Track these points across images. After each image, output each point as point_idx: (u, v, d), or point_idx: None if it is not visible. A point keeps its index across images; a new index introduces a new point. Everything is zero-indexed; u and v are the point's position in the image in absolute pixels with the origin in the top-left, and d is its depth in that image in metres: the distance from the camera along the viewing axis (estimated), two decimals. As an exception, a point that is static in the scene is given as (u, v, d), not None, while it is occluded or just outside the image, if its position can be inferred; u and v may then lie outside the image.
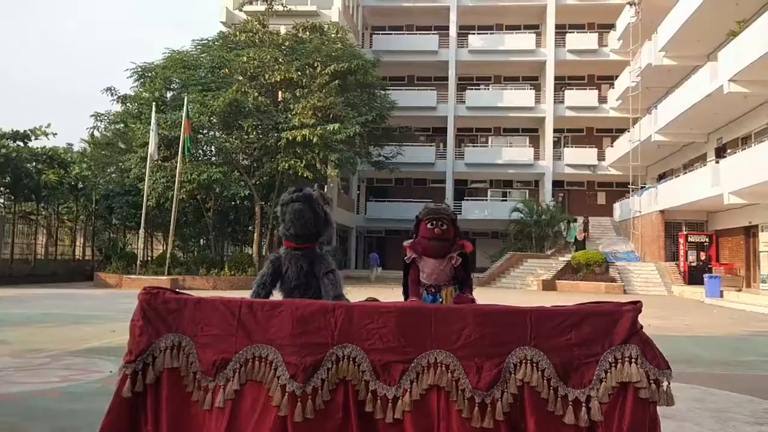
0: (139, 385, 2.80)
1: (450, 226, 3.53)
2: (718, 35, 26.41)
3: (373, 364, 2.74)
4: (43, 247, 29.99)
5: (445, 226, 3.51)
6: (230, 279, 24.62)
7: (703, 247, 29.17)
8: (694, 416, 5.85)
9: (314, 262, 3.44)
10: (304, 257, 3.43)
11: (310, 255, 3.44)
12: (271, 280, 3.47)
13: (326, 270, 3.42)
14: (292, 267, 3.42)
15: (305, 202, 3.40)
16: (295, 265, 3.42)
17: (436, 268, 3.53)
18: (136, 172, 26.76)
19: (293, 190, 3.47)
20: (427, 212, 3.56)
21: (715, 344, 12.06)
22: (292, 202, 3.40)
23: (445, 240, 3.54)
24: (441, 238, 3.51)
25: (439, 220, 3.51)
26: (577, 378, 2.66)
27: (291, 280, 3.42)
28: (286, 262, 3.45)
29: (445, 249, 3.54)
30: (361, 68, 30.32)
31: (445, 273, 3.53)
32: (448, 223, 3.52)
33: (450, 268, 3.54)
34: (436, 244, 3.51)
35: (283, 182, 28.52)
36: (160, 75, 28.13)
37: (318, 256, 3.47)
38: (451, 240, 3.56)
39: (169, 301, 2.90)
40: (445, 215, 3.54)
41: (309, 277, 3.42)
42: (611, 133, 43.19)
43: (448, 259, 3.53)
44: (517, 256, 33.40)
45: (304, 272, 3.41)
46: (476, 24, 46.02)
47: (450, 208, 3.69)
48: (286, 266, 3.45)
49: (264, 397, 2.74)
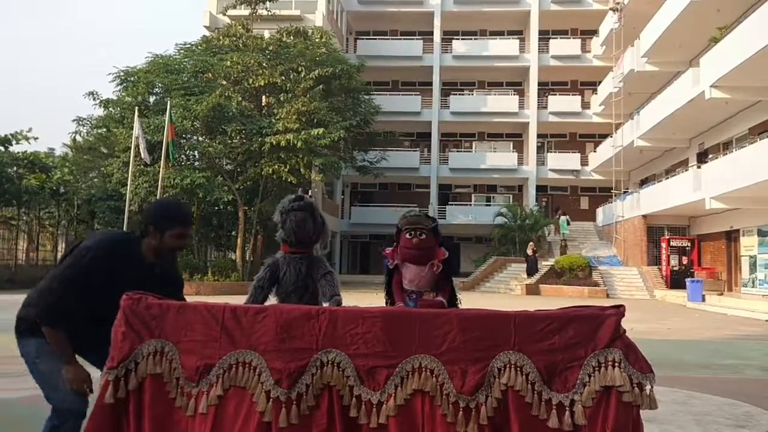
0: (121, 391, 2.78)
1: (429, 235, 3.51)
2: (700, 41, 26.68)
3: (357, 369, 2.73)
4: (24, 253, 29.73)
5: (423, 235, 3.49)
6: (213, 284, 24.52)
7: (685, 251, 29.39)
8: (676, 419, 5.89)
9: (312, 266, 3.54)
10: (302, 261, 3.52)
11: (308, 259, 3.54)
12: (268, 284, 3.53)
13: (324, 272, 3.53)
14: (290, 270, 3.50)
15: (307, 211, 3.50)
16: (294, 269, 3.50)
17: (417, 274, 3.53)
18: (119, 177, 26.61)
19: (294, 198, 3.53)
20: (406, 222, 3.55)
21: (697, 348, 12.15)
22: (294, 210, 3.47)
23: (426, 248, 3.54)
24: (422, 247, 3.50)
25: (417, 230, 3.50)
26: (561, 382, 2.67)
27: (289, 283, 3.50)
28: (284, 266, 3.52)
29: (426, 256, 3.53)
30: (346, 73, 30.35)
31: (426, 279, 3.53)
32: (426, 232, 3.50)
33: (431, 274, 3.53)
34: (416, 252, 3.51)
35: (267, 187, 28.47)
36: (142, 79, 27.97)
37: (315, 260, 3.57)
38: (432, 247, 3.56)
39: (151, 306, 2.89)
40: (423, 225, 3.52)
41: (306, 280, 3.50)
42: (594, 139, 43.45)
43: (429, 266, 3.53)
44: (501, 261, 33.52)
45: (302, 276, 3.50)
46: (460, 29, 46.18)
47: (428, 216, 3.66)
48: (284, 270, 3.52)
49: (247, 402, 2.73)
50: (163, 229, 3.20)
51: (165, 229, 3.20)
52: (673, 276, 28.64)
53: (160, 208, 3.31)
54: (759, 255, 24.66)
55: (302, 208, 3.47)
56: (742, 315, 19.66)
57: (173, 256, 3.49)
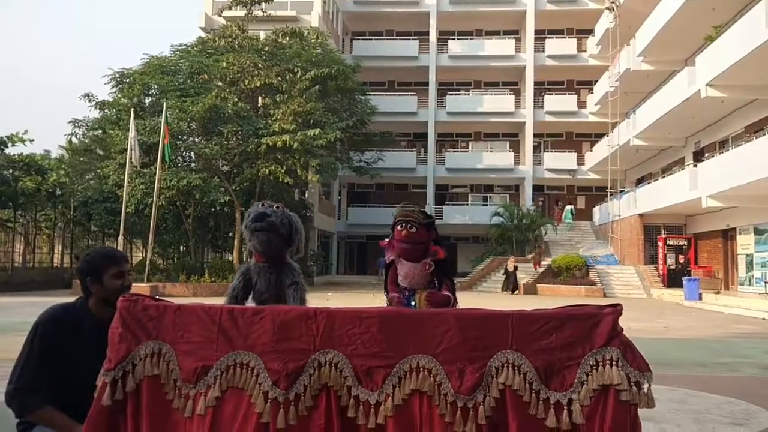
0: (118, 393, 2.78)
1: (421, 229, 3.46)
2: (696, 40, 26.73)
3: (355, 369, 2.73)
4: (21, 255, 29.68)
5: (414, 228, 3.43)
6: (210, 286, 24.51)
7: (681, 250, 29.45)
8: (674, 418, 5.90)
9: (282, 274, 3.50)
10: (272, 270, 3.48)
11: (278, 268, 3.50)
12: (242, 293, 3.50)
13: (290, 282, 3.49)
14: (261, 279, 3.48)
15: (271, 231, 3.41)
16: (264, 278, 3.48)
17: (411, 271, 3.51)
18: (115, 179, 26.57)
19: (255, 218, 3.43)
20: (398, 213, 3.52)
21: (694, 346, 12.18)
22: (256, 231, 3.40)
23: (419, 243, 3.49)
24: (411, 241, 3.47)
25: (407, 223, 3.46)
26: (559, 381, 2.67)
27: (262, 292, 3.47)
28: (255, 275, 3.50)
29: (418, 252, 3.50)
30: (342, 73, 30.35)
31: (420, 277, 3.50)
32: (417, 225, 3.45)
33: (425, 272, 3.51)
34: (408, 246, 3.47)
35: (263, 188, 28.45)
36: (138, 81, 27.94)
37: (286, 267, 3.52)
38: (426, 244, 3.52)
39: (148, 308, 2.88)
40: (414, 218, 3.47)
41: (278, 289, 3.47)
42: (590, 138, 43.54)
43: (422, 264, 3.50)
44: (498, 261, 33.54)
45: (273, 284, 3.47)
46: (456, 29, 46.24)
47: (423, 211, 3.60)
48: (255, 278, 3.50)
49: (245, 404, 2.72)
50: (100, 276, 3.14)
51: (101, 274, 3.14)
52: (670, 275, 28.71)
53: (86, 259, 3.25)
54: (755, 253, 24.71)
55: (264, 229, 3.39)
56: (738, 313, 19.70)
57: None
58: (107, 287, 3.15)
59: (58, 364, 3.02)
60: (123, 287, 3.16)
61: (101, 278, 3.15)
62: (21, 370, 3.01)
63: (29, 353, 3.03)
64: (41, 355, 3.01)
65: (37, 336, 3.05)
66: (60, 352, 3.03)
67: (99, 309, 3.16)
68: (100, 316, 3.13)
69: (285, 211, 3.54)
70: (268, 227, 3.41)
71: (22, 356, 3.04)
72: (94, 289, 3.16)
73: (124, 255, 3.33)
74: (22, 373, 2.99)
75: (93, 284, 3.15)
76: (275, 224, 3.43)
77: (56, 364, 3.02)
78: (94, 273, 3.16)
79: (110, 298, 3.11)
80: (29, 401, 2.99)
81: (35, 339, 3.05)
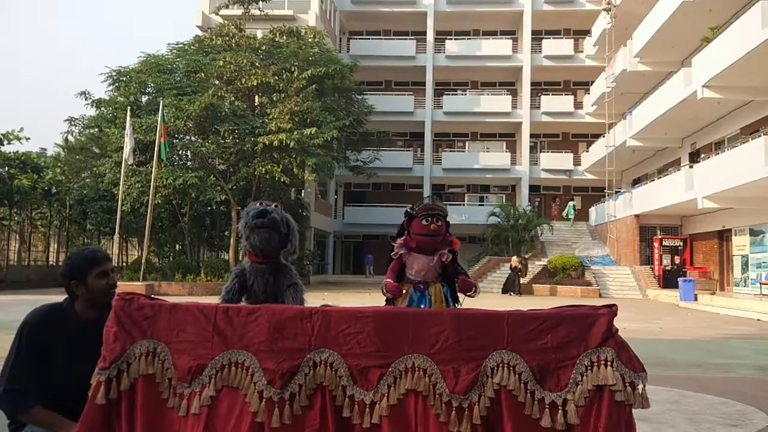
0: (113, 392, 2.77)
1: (443, 222, 3.59)
2: (692, 41, 26.76)
3: (350, 369, 2.73)
4: (16, 253, 29.63)
5: (440, 222, 3.59)
6: (206, 285, 24.48)
7: (677, 251, 29.48)
8: (669, 418, 5.91)
9: (279, 274, 3.48)
10: (269, 270, 3.47)
11: (275, 268, 3.49)
12: (238, 295, 3.50)
13: (289, 283, 3.47)
14: (258, 281, 3.46)
15: (272, 229, 3.40)
16: (262, 279, 3.46)
17: (425, 264, 3.59)
18: (111, 177, 26.52)
19: (257, 215, 3.41)
20: (423, 208, 3.62)
21: (689, 347, 12.19)
22: (258, 228, 3.38)
23: (440, 235, 3.60)
24: (436, 234, 3.55)
25: (434, 216, 3.57)
26: (554, 381, 2.67)
27: (258, 293, 3.46)
28: (252, 276, 3.48)
29: (436, 245, 3.59)
30: (339, 73, 30.35)
31: (434, 269, 3.59)
32: (442, 219, 3.57)
33: (439, 264, 3.59)
34: (429, 240, 3.56)
35: (260, 187, 28.43)
36: (135, 79, 27.90)
37: (282, 269, 3.51)
38: (442, 236, 3.62)
39: (143, 306, 2.87)
40: (440, 211, 3.59)
41: (275, 290, 3.46)
42: (587, 138, 43.58)
43: (438, 255, 3.59)
44: (495, 261, 33.55)
45: (270, 285, 3.46)
46: (453, 29, 46.25)
47: (443, 205, 3.77)
48: (251, 280, 3.47)
49: (240, 403, 2.72)
50: (84, 277, 3.09)
51: (85, 275, 3.09)
52: (666, 275, 28.73)
53: (68, 263, 3.20)
54: (751, 254, 24.76)
55: (266, 226, 3.38)
56: (734, 314, 19.73)
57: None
58: (93, 288, 3.11)
59: (46, 363, 3.00)
60: (109, 286, 3.14)
61: (85, 280, 3.10)
62: (10, 370, 2.98)
63: (17, 354, 3.00)
64: (29, 355, 2.99)
65: (23, 336, 3.02)
66: (47, 352, 3.01)
67: (85, 311, 3.13)
68: (86, 318, 3.11)
69: (282, 211, 3.54)
70: (271, 224, 3.40)
71: (10, 357, 3.01)
72: (79, 292, 3.11)
73: (105, 254, 3.28)
74: (11, 374, 2.97)
75: (78, 287, 3.11)
76: (277, 221, 3.43)
77: (44, 363, 3.00)
78: (77, 276, 3.11)
79: (97, 298, 3.09)
80: (19, 401, 2.96)
81: (22, 339, 3.02)
